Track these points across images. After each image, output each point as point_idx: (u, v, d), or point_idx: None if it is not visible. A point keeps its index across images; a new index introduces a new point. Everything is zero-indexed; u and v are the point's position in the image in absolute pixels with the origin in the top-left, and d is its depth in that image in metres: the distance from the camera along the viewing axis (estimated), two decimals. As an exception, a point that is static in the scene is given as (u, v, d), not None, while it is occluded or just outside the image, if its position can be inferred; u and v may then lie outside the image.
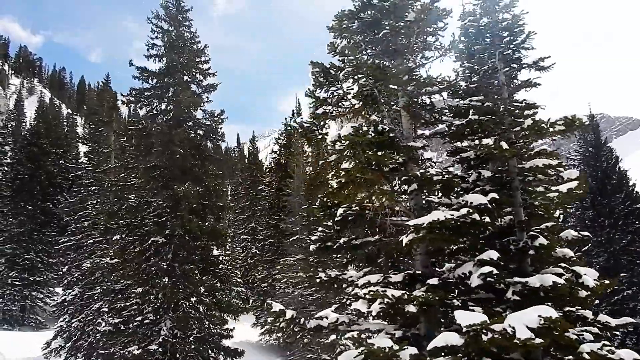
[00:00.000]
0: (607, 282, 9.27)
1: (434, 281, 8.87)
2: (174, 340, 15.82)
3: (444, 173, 9.22)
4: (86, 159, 45.68)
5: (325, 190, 10.65)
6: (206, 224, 17.19)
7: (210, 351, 17.02)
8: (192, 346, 16.06)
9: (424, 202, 10.01)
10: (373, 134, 9.35)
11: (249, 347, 26.60)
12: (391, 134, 9.69)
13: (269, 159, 48.65)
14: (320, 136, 10.46)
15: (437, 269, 10.14)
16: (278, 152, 37.21)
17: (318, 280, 10.53)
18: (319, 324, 9.41)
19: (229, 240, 26.08)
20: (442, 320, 9.20)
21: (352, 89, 10.24)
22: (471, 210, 8.22)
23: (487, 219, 8.42)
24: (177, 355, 15.77)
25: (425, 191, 9.76)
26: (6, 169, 54.61)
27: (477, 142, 9.40)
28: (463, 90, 10.57)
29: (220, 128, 19.96)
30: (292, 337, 9.78)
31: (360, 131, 9.20)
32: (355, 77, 9.89)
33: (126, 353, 15.55)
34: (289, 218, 27.20)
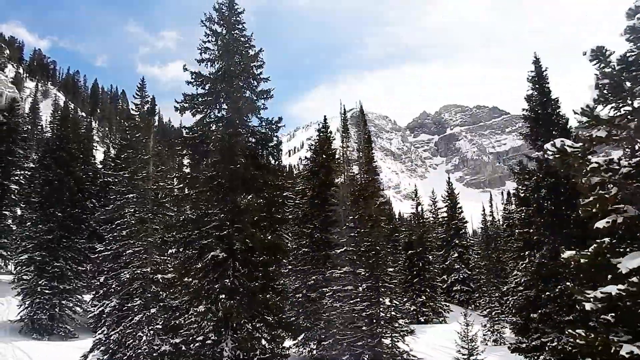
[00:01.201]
0: None
1: None
2: (237, 362, 14.93)
3: None
4: (108, 164, 45.19)
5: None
6: (268, 237, 16.25)
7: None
8: (255, 368, 15.17)
9: None
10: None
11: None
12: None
13: (300, 166, 47.60)
14: (581, 161, 8.61)
15: None
16: (312, 160, 36.16)
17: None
18: None
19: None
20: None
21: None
22: None
23: None
24: (240, 378, 14.87)
25: None
26: (28, 173, 54.35)
27: None
28: None
29: (276, 136, 19.06)
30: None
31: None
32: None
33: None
34: (333, 228, 26.19)
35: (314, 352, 26.28)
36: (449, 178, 76.35)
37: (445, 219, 69.98)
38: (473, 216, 79.11)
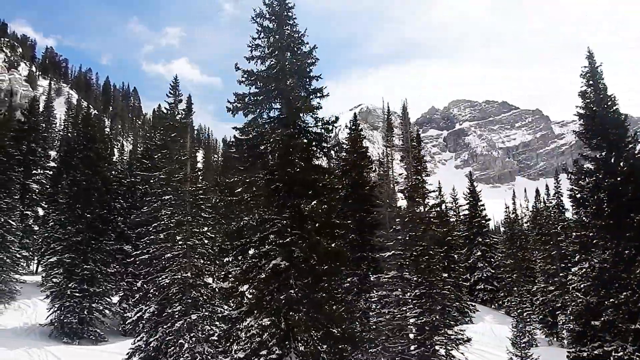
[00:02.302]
0: None
1: None
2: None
3: None
4: (134, 163, 44.44)
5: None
6: (332, 245, 15.34)
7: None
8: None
9: None
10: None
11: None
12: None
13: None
14: None
15: None
16: (343, 158, 35.20)
17: None
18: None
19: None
20: None
21: None
22: None
23: None
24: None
25: None
26: (49, 173, 53.93)
27: None
28: None
29: (331, 137, 18.12)
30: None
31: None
32: None
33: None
34: (377, 230, 25.25)
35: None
36: (470, 175, 75.04)
37: (467, 216, 68.77)
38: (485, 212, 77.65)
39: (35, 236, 48.42)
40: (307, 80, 18.34)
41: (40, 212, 52.07)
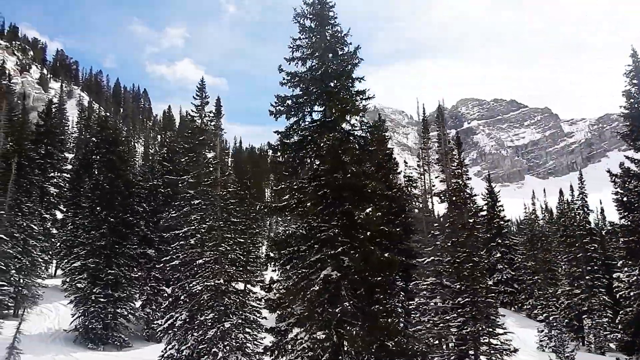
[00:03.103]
0: None
1: None
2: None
3: None
4: (155, 166, 43.97)
5: None
6: (386, 254, 14.68)
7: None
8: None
9: None
10: None
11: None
12: None
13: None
14: None
15: None
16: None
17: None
18: None
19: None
20: None
21: None
22: None
23: None
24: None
25: None
26: (67, 176, 53.67)
27: None
28: None
29: (375, 140, 17.45)
30: None
31: None
32: None
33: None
34: (413, 236, 24.56)
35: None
36: (489, 176, 74.02)
37: (486, 217, 67.69)
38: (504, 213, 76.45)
39: (53, 239, 48.16)
40: (351, 81, 17.71)
41: (58, 215, 51.84)
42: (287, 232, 15.27)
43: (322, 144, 15.07)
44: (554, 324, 46.22)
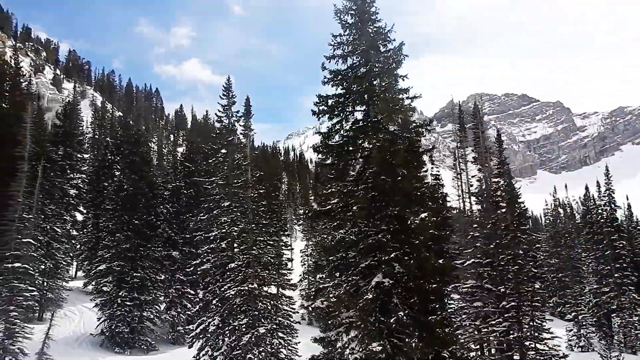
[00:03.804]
0: None
1: None
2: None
3: None
4: (177, 167, 43.53)
5: None
6: (440, 260, 13.99)
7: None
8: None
9: None
10: None
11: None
12: None
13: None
14: None
15: None
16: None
17: None
18: None
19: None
20: None
21: None
22: None
23: None
24: None
25: None
26: (87, 178, 53.47)
27: None
28: None
29: (420, 141, 16.74)
30: None
31: None
32: None
33: None
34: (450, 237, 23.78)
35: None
36: (509, 171, 72.52)
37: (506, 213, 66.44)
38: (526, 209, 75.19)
39: (73, 241, 48.01)
40: (394, 80, 16.98)
41: (78, 216, 51.68)
42: (336, 237, 14.62)
43: (371, 146, 14.37)
44: (583, 324, 45.32)
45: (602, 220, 49.10)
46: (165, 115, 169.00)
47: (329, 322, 14.52)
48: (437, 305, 14.00)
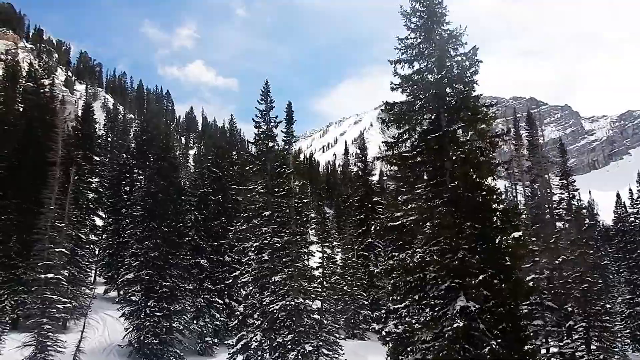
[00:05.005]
0: None
1: None
2: None
3: None
4: (205, 173, 42.54)
5: None
6: (530, 283, 12.89)
7: None
8: None
9: None
10: None
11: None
12: None
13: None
14: None
15: None
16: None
17: None
18: None
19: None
20: None
21: None
22: None
23: None
24: None
25: None
26: (106, 182, 52.61)
27: None
28: None
29: (489, 152, 15.63)
30: None
31: None
32: None
33: None
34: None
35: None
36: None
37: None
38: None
39: (92, 246, 47.14)
40: (464, 87, 15.91)
41: (97, 221, 50.83)
42: (401, 256, 13.55)
43: (453, 156, 13.30)
44: (618, 335, 43.87)
45: (633, 229, 47.77)
46: (177, 117, 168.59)
47: (408, 348, 13.40)
48: (528, 333, 12.88)
